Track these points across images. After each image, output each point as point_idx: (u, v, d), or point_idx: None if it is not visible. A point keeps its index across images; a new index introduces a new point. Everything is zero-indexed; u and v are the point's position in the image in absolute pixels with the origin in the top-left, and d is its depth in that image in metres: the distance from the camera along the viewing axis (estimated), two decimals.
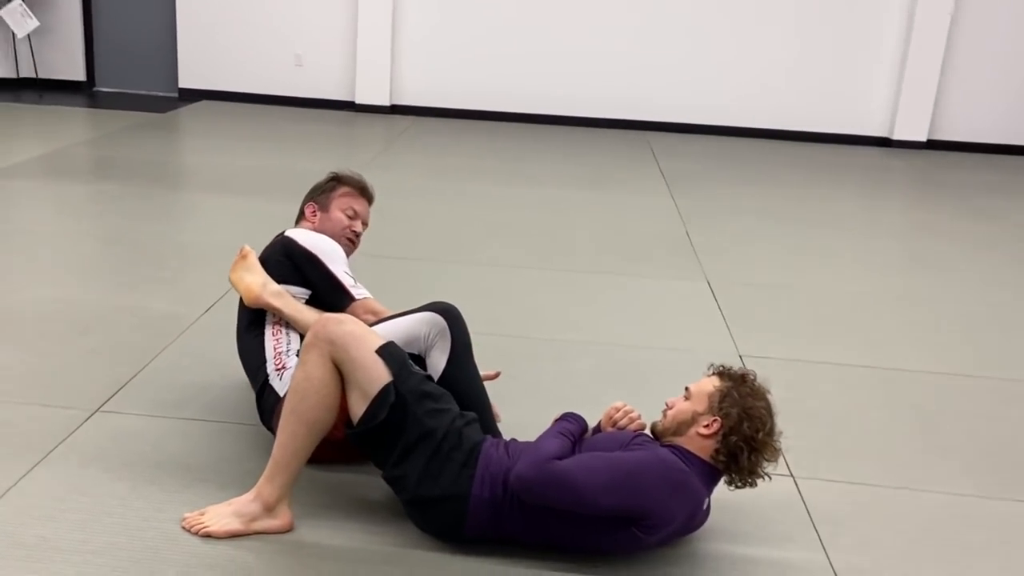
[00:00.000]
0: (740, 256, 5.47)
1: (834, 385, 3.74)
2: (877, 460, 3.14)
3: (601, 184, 7.25)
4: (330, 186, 3.14)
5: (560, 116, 9.89)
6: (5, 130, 7.90)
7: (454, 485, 2.35)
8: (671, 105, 9.89)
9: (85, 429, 2.92)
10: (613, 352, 3.90)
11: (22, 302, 3.96)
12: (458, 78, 9.88)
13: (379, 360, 2.39)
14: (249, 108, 9.66)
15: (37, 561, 2.27)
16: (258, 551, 2.38)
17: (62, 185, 6.08)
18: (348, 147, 8.12)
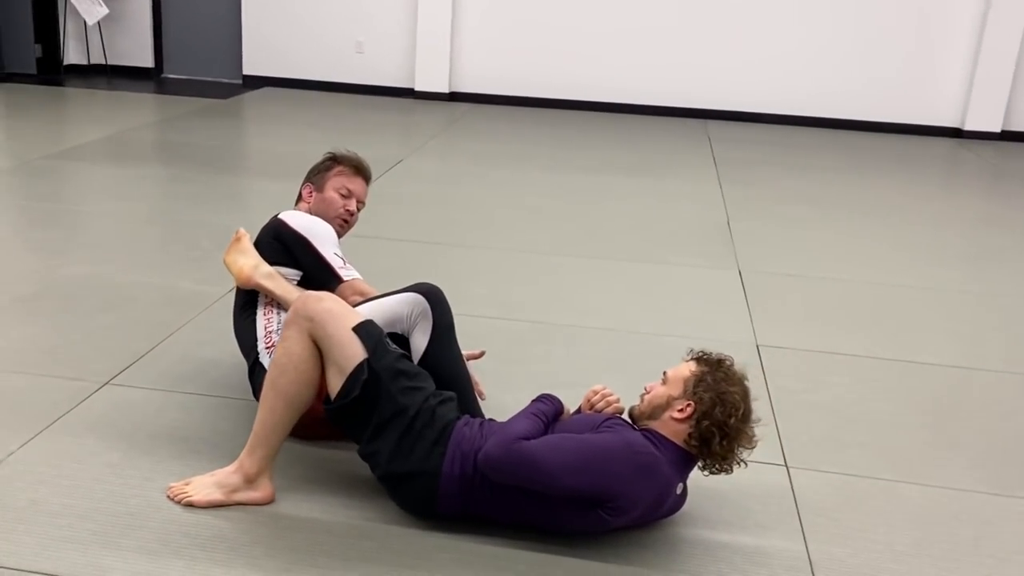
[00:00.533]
0: (779, 246, 5.40)
1: (849, 377, 3.68)
2: (879, 453, 3.09)
3: (648, 171, 7.22)
4: (326, 166, 3.17)
5: (619, 104, 9.85)
6: (73, 114, 8.19)
7: (425, 462, 2.39)
8: (731, 93, 9.78)
9: (92, 400, 3.03)
10: (626, 339, 3.90)
11: (57, 278, 4.11)
12: (517, 65, 9.90)
13: (355, 337, 2.44)
14: (310, 95, 9.83)
15: (23, 523, 2.38)
16: (235, 520, 2.45)
17: (116, 167, 6.28)
18: (400, 133, 8.21)
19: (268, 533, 2.41)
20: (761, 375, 3.64)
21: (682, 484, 2.47)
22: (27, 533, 2.34)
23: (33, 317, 3.69)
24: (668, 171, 7.28)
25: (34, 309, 3.77)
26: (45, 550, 2.28)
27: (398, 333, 2.71)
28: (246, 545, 2.36)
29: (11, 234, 4.77)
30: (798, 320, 4.25)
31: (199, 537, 2.37)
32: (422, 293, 2.72)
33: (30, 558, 2.24)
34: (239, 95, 9.59)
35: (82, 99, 8.94)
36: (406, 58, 10.01)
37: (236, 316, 3.00)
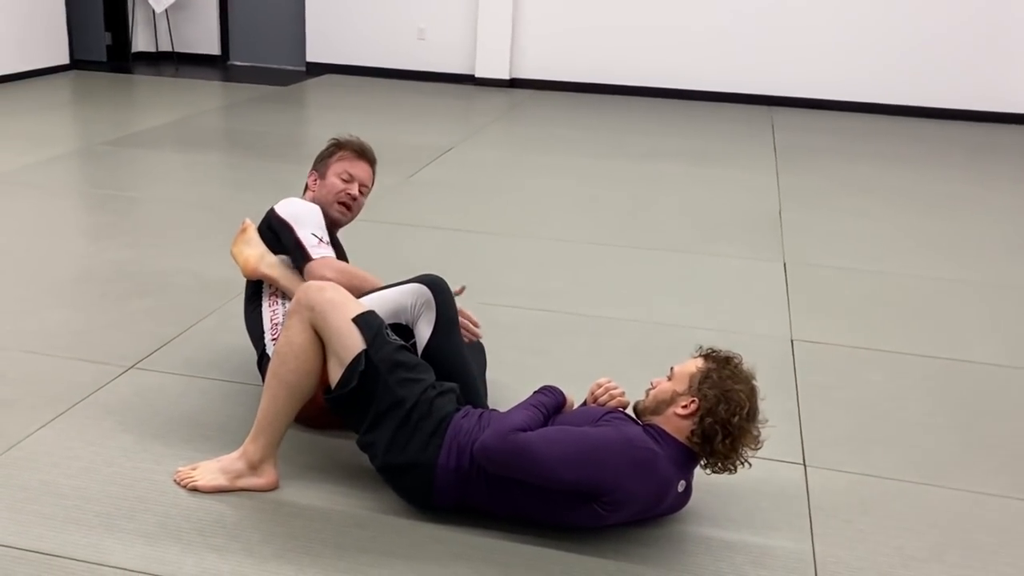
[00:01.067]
0: (830, 237, 5.28)
1: (884, 374, 3.58)
2: (904, 453, 3.00)
3: (704, 159, 7.12)
4: (329, 152, 3.16)
5: (682, 90, 9.73)
6: (137, 101, 8.38)
7: (421, 454, 2.39)
8: (798, 79, 9.58)
9: (114, 384, 3.10)
10: (654, 330, 3.85)
11: (99, 263, 4.21)
12: (578, 51, 9.83)
13: (355, 328, 2.45)
14: (370, 82, 9.90)
15: (32, 503, 2.44)
16: (236, 506, 2.48)
17: (172, 153, 6.41)
18: (455, 121, 8.22)
19: (267, 519, 2.44)
20: (791, 371, 3.56)
21: (684, 482, 2.43)
22: (34, 513, 2.40)
23: (69, 300, 3.79)
24: (724, 159, 7.16)
25: (72, 293, 3.87)
26: (49, 531, 2.33)
27: (403, 324, 2.71)
28: (244, 531, 2.39)
29: (63, 218, 4.90)
30: (839, 315, 4.15)
31: (200, 522, 2.41)
32: (426, 284, 2.71)
33: (34, 538, 2.30)
34: (300, 82, 9.70)
35: (148, 86, 9.14)
36: (467, 45, 10.01)
37: (245, 307, 3.03)
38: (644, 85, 9.78)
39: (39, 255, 4.30)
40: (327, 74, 10.17)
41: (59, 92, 8.53)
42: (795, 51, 9.50)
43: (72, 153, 6.26)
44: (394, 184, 5.87)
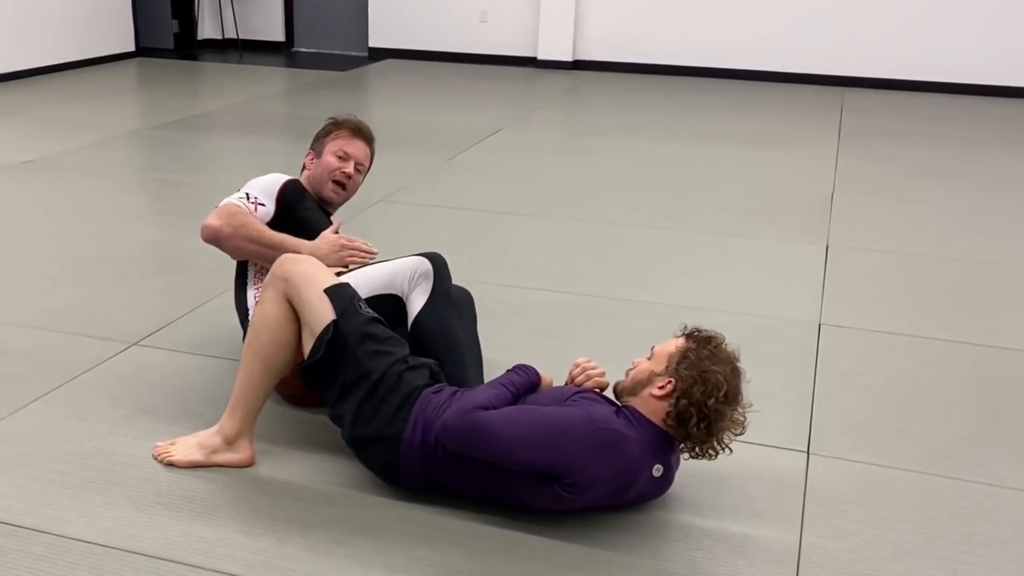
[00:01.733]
0: (883, 221, 5.07)
1: (911, 360, 3.41)
2: (919, 443, 2.85)
3: (762, 141, 6.92)
4: (325, 131, 3.12)
5: (749, 71, 9.51)
6: (196, 87, 8.51)
7: (386, 427, 2.34)
8: (870, 58, 9.27)
9: (115, 360, 3.12)
10: (676, 313, 3.70)
11: (121, 243, 4.27)
12: (642, 31, 9.67)
13: (326, 299, 2.41)
14: (432, 66, 9.89)
15: (8, 475, 2.46)
16: (210, 481, 2.47)
17: (221, 138, 6.48)
18: (509, 103, 8.13)
19: (237, 495, 2.42)
20: (813, 355, 3.42)
21: (660, 466, 2.33)
22: (8, 484, 2.42)
23: (89, 279, 3.84)
24: (783, 141, 6.96)
25: (92, 271, 3.92)
26: (19, 502, 2.35)
27: (397, 295, 2.67)
28: (211, 507, 2.37)
29: (100, 200, 4.99)
30: (874, 299, 3.97)
31: (169, 496, 2.40)
32: (427, 258, 2.71)
33: (2, 510, 2.32)
34: (362, 67, 9.74)
35: (210, 73, 9.28)
36: (530, 27, 9.93)
37: (235, 287, 3.02)
38: (710, 66, 9.58)
39: (68, 235, 4.38)
40: (388, 59, 10.19)
41: (121, 79, 8.71)
42: (869, 30, 9.18)
43: (123, 137, 6.38)
44: (433, 166, 5.84)
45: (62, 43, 8.71)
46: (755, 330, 3.62)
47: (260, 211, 2.87)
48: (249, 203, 2.86)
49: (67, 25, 8.74)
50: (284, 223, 2.90)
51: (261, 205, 2.88)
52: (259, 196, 2.89)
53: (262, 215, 2.87)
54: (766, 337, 3.56)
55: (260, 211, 2.87)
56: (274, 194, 2.91)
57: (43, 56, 8.52)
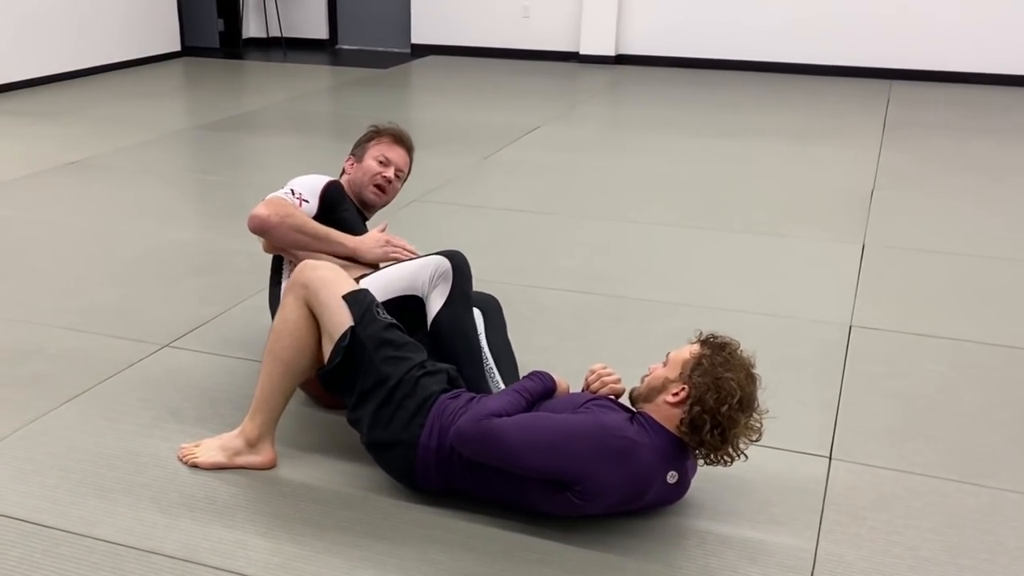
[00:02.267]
0: (923, 218, 4.99)
1: (944, 363, 3.37)
2: (946, 448, 2.81)
3: (803, 137, 6.85)
4: (367, 137, 3.20)
5: (795, 64, 9.38)
6: (240, 86, 8.62)
7: (403, 432, 2.37)
8: (918, 50, 9.10)
9: (146, 362, 3.19)
10: (704, 315, 3.71)
11: (158, 244, 4.35)
12: (686, 25, 9.60)
13: (344, 305, 2.44)
14: (474, 62, 9.91)
15: (38, 474, 2.53)
16: (231, 483, 2.51)
17: (258, 138, 6.56)
18: (549, 99, 8.12)
19: (256, 497, 2.46)
20: (842, 358, 3.38)
21: (675, 473, 2.32)
22: (38, 485, 2.49)
23: (124, 280, 3.92)
24: (825, 137, 6.87)
25: (128, 272, 4.01)
26: (47, 502, 2.42)
27: (417, 296, 2.70)
28: (232, 508, 2.41)
29: (138, 200, 5.08)
30: (909, 300, 3.92)
31: (191, 498, 2.45)
32: (447, 257, 2.72)
33: (30, 509, 2.39)
34: (404, 64, 9.79)
35: (254, 71, 9.39)
36: (572, 22, 9.90)
37: (269, 284, 3.07)
38: (754, 60, 9.48)
39: (106, 235, 4.47)
40: (431, 55, 10.23)
41: (167, 78, 8.85)
42: (918, 21, 9.02)
43: (166, 137, 6.49)
44: (469, 165, 5.86)
45: (110, 44, 8.87)
46: (784, 332, 3.59)
47: (304, 207, 2.94)
48: (294, 198, 2.93)
49: (115, 26, 8.90)
50: (323, 222, 2.95)
51: (305, 202, 2.95)
52: (303, 192, 2.96)
53: (306, 211, 2.93)
54: (795, 339, 3.54)
55: (304, 207, 2.94)
56: (317, 192, 2.98)
57: (92, 57, 8.69)
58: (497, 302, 3.00)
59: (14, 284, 3.87)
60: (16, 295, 3.75)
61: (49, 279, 3.93)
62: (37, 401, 2.91)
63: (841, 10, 9.16)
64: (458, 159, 5.97)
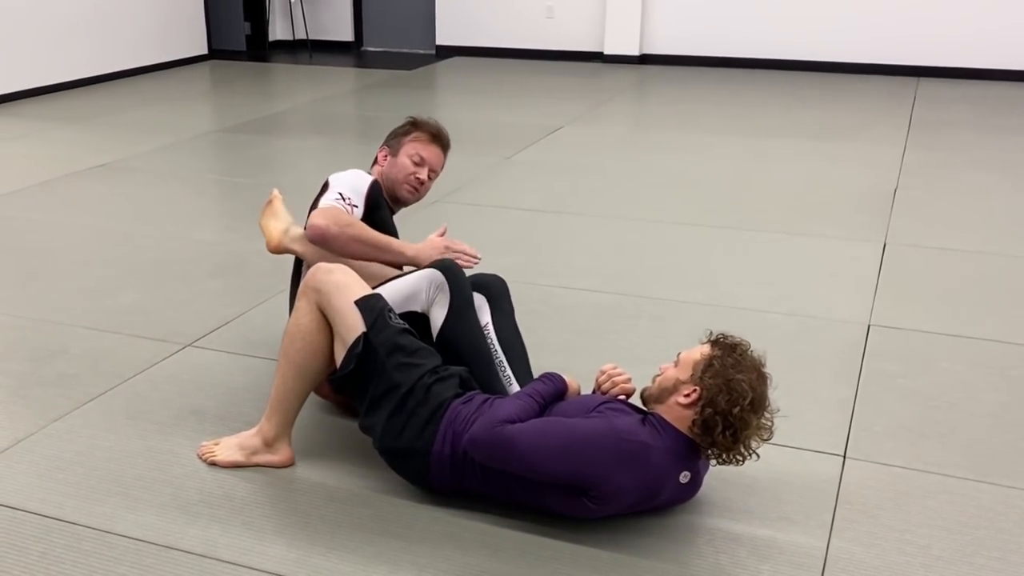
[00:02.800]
0: (946, 216, 4.97)
1: (962, 363, 3.35)
2: (962, 447, 2.81)
3: (826, 135, 6.82)
4: (404, 130, 3.11)
5: (820, 62, 9.33)
6: (265, 88, 8.70)
7: (416, 440, 2.39)
8: (946, 47, 9.02)
9: (167, 361, 3.24)
10: (721, 314, 3.72)
11: (181, 245, 4.41)
12: (711, 24, 9.58)
13: (356, 310, 2.47)
14: (498, 63, 9.94)
15: (61, 472, 2.59)
16: (250, 481, 2.56)
17: (283, 140, 6.63)
18: (572, 99, 8.12)
19: (274, 495, 2.50)
20: (859, 357, 3.38)
21: (687, 472, 2.34)
22: (61, 482, 2.54)
23: (148, 281, 3.98)
24: (849, 135, 6.84)
25: (152, 273, 4.07)
26: (69, 499, 2.47)
27: (418, 312, 2.67)
28: (249, 505, 2.46)
29: (162, 202, 5.15)
30: (929, 299, 3.91)
31: (210, 495, 2.50)
32: (437, 268, 2.68)
33: (54, 505, 2.44)
34: (429, 65, 9.84)
35: (280, 74, 9.47)
36: (596, 22, 9.91)
37: (291, 284, 3.10)
38: (779, 58, 9.44)
39: (131, 237, 4.54)
40: (456, 56, 10.28)
41: (194, 81, 8.95)
42: (946, 17, 8.95)
43: (192, 139, 6.57)
44: (490, 165, 5.89)
45: (139, 48, 8.99)
46: (802, 330, 3.59)
47: (355, 213, 2.88)
48: (345, 204, 2.87)
49: (143, 31, 9.01)
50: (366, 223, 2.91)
51: (355, 207, 2.89)
52: (352, 197, 2.90)
53: (355, 215, 2.89)
54: (812, 338, 3.54)
55: (355, 213, 2.88)
56: (364, 194, 2.94)
57: (121, 61, 8.81)
58: (503, 283, 2.91)
59: (42, 285, 3.94)
60: (43, 296, 3.82)
61: (75, 280, 4.00)
62: (61, 400, 2.97)
63: (868, 7, 9.11)
64: (480, 159, 6.00)
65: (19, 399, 2.99)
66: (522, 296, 3.17)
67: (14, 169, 5.78)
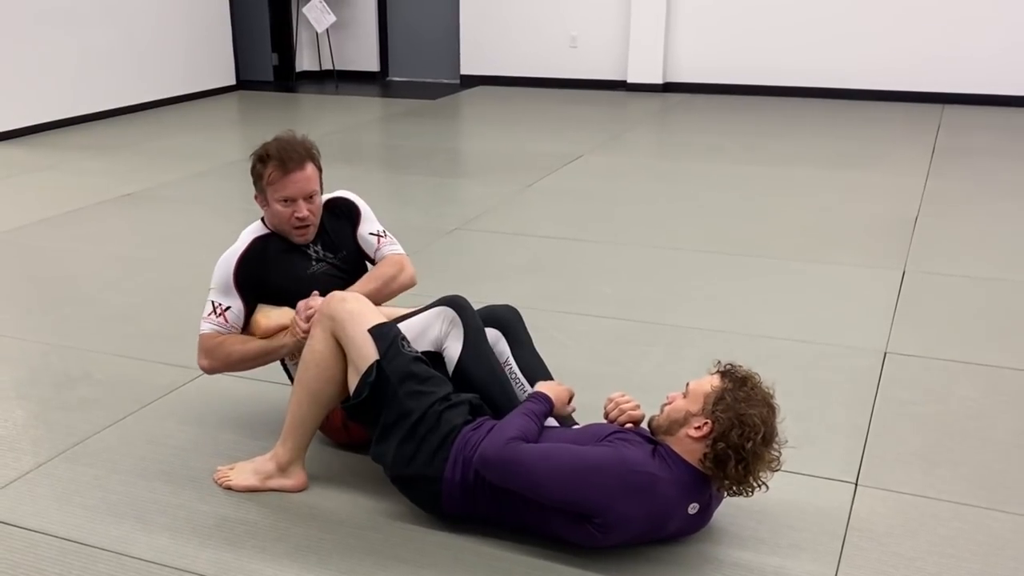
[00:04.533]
0: (967, 244, 4.95)
1: (978, 390, 3.34)
2: (975, 476, 2.80)
3: (847, 163, 6.82)
4: (257, 173, 2.85)
5: (843, 89, 9.32)
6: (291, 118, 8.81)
7: (427, 468, 2.42)
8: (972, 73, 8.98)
9: (189, 386, 3.30)
10: (737, 341, 3.73)
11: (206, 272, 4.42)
12: (734, 52, 9.61)
13: (369, 338, 2.51)
14: (522, 91, 10.02)
15: (80, 495, 2.64)
16: (263, 505, 2.60)
17: None
18: (594, 127, 8.17)
19: (287, 519, 2.54)
20: (874, 385, 3.38)
21: (696, 504, 2.35)
22: (79, 505, 2.59)
23: (171, 308, 4.06)
24: (871, 162, 6.84)
25: (176, 300, 4.14)
26: (87, 522, 2.52)
27: (431, 351, 2.65)
28: (263, 529, 2.49)
29: (189, 230, 5.24)
30: (946, 327, 3.90)
31: (224, 519, 2.54)
32: (447, 304, 2.69)
33: (71, 528, 2.49)
34: (453, 94, 9.94)
35: (306, 103, 9.60)
36: (619, 50, 9.97)
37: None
38: (804, 86, 9.44)
39: (157, 264, 4.62)
40: (480, 86, 10.37)
41: (223, 111, 9.10)
42: (969, 43, 8.93)
43: (219, 168, 6.67)
44: (510, 193, 5.93)
45: (168, 79, 9.15)
46: (818, 358, 3.60)
47: (230, 316, 2.78)
48: (217, 317, 2.78)
49: (173, 62, 9.18)
50: (269, 298, 2.82)
51: (227, 310, 2.78)
52: (221, 300, 2.79)
53: (233, 320, 2.78)
54: (828, 365, 3.54)
55: (230, 316, 2.78)
56: (231, 287, 2.79)
57: (151, 91, 8.98)
58: (514, 312, 2.86)
59: (68, 312, 4.02)
60: (69, 322, 3.90)
61: (100, 307, 4.07)
62: (82, 424, 3.03)
63: (891, 34, 9.11)
64: (501, 187, 6.05)
65: (41, 423, 3.06)
66: (539, 322, 3.20)
67: (44, 198, 5.89)
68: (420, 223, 5.22)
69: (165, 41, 9.08)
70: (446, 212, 5.55)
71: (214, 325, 2.80)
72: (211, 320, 2.80)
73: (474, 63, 10.42)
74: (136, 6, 8.75)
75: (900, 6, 9.04)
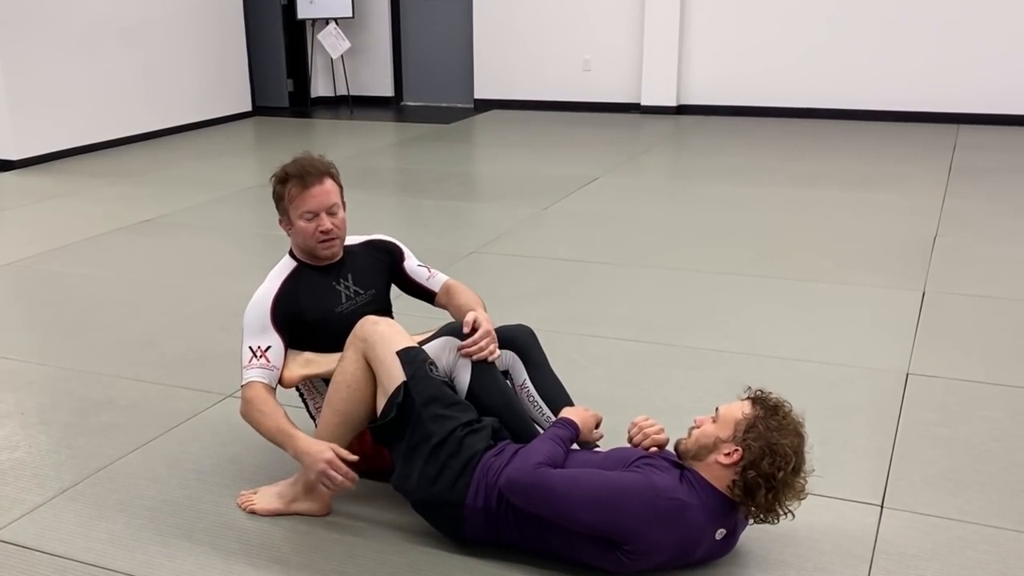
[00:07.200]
0: (987, 265, 4.93)
1: (1002, 411, 3.32)
2: (1001, 497, 2.78)
3: (864, 184, 6.81)
4: (278, 195, 2.84)
5: (858, 111, 9.33)
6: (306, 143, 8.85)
7: (449, 493, 2.41)
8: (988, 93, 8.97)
9: (208, 412, 3.31)
10: (757, 363, 3.72)
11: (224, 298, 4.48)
12: (746, 74, 9.63)
13: (397, 361, 2.51)
14: (536, 115, 10.06)
15: (105, 520, 2.65)
16: (287, 528, 2.60)
17: None
18: (609, 150, 8.19)
19: (311, 543, 2.54)
20: (897, 406, 3.36)
21: (723, 530, 2.34)
22: (104, 531, 2.60)
23: (191, 333, 4.07)
24: (888, 183, 6.82)
25: (195, 325, 4.16)
26: (112, 547, 2.52)
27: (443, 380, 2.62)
28: (287, 553, 2.49)
29: (207, 256, 5.27)
30: (968, 347, 3.88)
31: (248, 544, 2.53)
32: (450, 334, 2.70)
33: (96, 553, 2.50)
34: (467, 119, 9.99)
35: (321, 129, 9.66)
36: (633, 73, 10.01)
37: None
38: (818, 107, 9.46)
39: (176, 290, 4.65)
40: (494, 110, 10.42)
41: (239, 137, 9.16)
42: (984, 63, 8.93)
43: (235, 195, 6.71)
44: (527, 216, 5.95)
45: (185, 106, 9.24)
46: (840, 380, 3.58)
47: (272, 356, 2.70)
48: (259, 360, 2.70)
49: (189, 89, 9.27)
50: (301, 335, 2.79)
51: (267, 350, 2.71)
52: (259, 342, 2.72)
53: (275, 359, 2.71)
54: (850, 387, 3.53)
55: (272, 356, 2.70)
56: (268, 327, 2.74)
57: (169, 118, 9.06)
58: (529, 333, 2.83)
59: (89, 337, 4.04)
60: (91, 348, 3.92)
61: (122, 333, 4.09)
62: (106, 450, 3.04)
63: (906, 55, 9.12)
64: (517, 211, 6.07)
65: (65, 449, 3.07)
66: (557, 345, 3.20)
67: (64, 225, 5.94)
68: (436, 247, 5.23)
69: (181, 68, 9.16)
70: (462, 236, 5.57)
71: (258, 370, 2.68)
72: (253, 367, 2.69)
73: (488, 87, 10.48)
74: (153, 34, 8.84)
75: (914, 28, 9.05)
